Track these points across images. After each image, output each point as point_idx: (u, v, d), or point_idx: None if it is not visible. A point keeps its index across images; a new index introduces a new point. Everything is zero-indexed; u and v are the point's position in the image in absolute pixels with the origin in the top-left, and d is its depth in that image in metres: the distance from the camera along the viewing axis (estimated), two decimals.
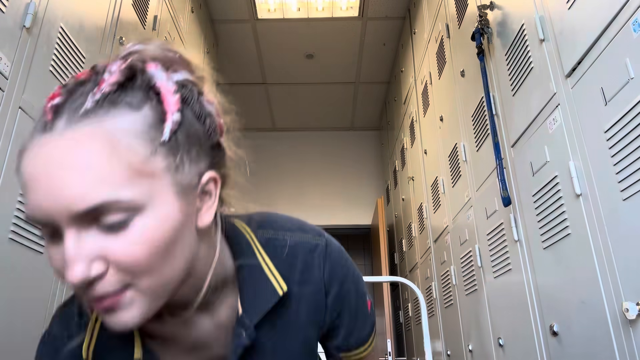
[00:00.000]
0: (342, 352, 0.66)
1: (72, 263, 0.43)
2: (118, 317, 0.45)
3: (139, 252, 0.44)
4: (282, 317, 0.59)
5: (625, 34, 1.10)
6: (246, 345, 0.56)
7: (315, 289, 0.60)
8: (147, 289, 0.45)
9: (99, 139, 0.43)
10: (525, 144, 1.62)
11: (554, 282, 1.45)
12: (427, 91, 3.11)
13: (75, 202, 0.42)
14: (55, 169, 0.42)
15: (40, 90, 1.47)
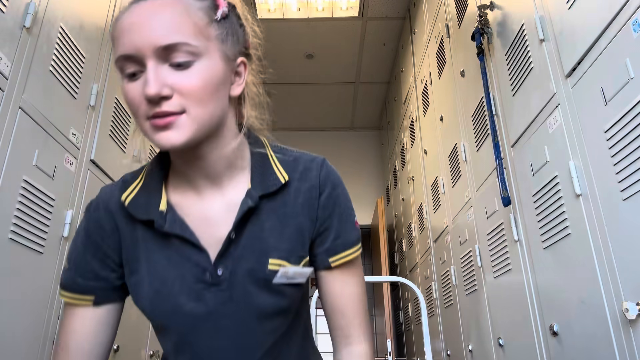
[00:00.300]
0: (330, 257, 0.73)
1: (152, 82, 0.60)
2: (170, 134, 0.61)
3: (196, 84, 0.61)
4: (281, 203, 0.71)
5: (625, 34, 1.10)
6: (250, 206, 0.68)
7: (311, 186, 0.72)
8: (195, 116, 0.62)
9: (179, 5, 0.63)
10: (525, 144, 1.62)
11: (554, 282, 1.45)
12: (427, 91, 3.11)
13: (159, 40, 0.60)
14: (149, 19, 0.61)
15: (40, 90, 1.47)
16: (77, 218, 1.66)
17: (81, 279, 0.70)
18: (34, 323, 1.43)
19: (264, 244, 0.69)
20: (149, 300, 0.67)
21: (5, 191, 1.30)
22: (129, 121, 2.12)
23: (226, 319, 0.68)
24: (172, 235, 0.68)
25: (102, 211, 0.72)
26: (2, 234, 1.29)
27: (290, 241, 0.70)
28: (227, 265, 0.67)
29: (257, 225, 0.69)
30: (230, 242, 0.68)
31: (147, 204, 0.69)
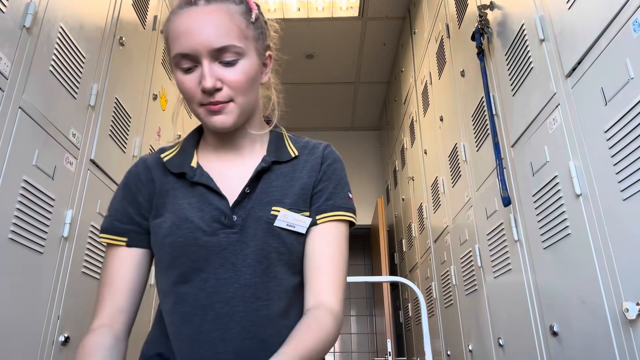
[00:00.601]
0: (318, 215, 0.83)
1: (208, 77, 0.75)
2: (222, 118, 0.77)
3: (241, 79, 0.77)
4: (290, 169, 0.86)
5: (625, 34, 1.10)
6: (263, 167, 0.83)
7: (316, 157, 0.88)
8: (240, 104, 0.78)
9: (225, 12, 0.77)
10: (525, 144, 1.62)
11: (554, 282, 1.45)
12: (427, 91, 3.11)
13: (213, 43, 0.75)
14: (203, 24, 0.75)
15: (40, 90, 1.47)
16: (77, 218, 1.66)
17: (118, 222, 0.84)
18: (34, 323, 1.43)
19: (270, 197, 0.82)
20: (170, 230, 0.79)
21: (5, 191, 1.30)
22: (129, 121, 2.12)
23: (234, 256, 0.78)
24: (199, 184, 0.82)
25: (140, 166, 0.87)
26: (2, 234, 1.29)
27: (294, 197, 0.83)
28: (240, 213, 0.80)
29: (266, 183, 0.83)
30: (245, 195, 0.81)
31: (181, 162, 0.85)
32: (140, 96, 2.29)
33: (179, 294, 0.79)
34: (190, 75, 0.77)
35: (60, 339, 1.54)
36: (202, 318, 0.77)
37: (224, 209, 0.80)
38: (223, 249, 0.78)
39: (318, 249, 0.82)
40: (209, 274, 0.78)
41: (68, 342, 1.57)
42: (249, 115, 0.84)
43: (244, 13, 0.80)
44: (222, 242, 0.78)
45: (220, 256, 0.78)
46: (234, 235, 0.78)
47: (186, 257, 0.78)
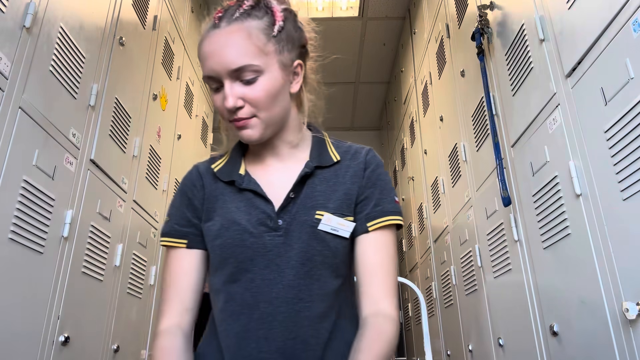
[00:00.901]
0: (368, 222, 0.85)
1: (228, 97, 0.79)
2: (248, 132, 0.82)
3: (261, 95, 0.80)
4: (333, 174, 0.88)
5: (625, 34, 1.10)
6: (307, 173, 0.86)
7: (359, 163, 0.90)
8: (263, 119, 0.82)
9: (243, 31, 0.81)
10: (525, 144, 1.62)
11: (554, 282, 1.45)
12: (427, 91, 3.11)
13: (230, 65, 0.79)
14: (221, 47, 0.80)
15: (40, 90, 1.47)
16: (77, 218, 1.66)
17: (177, 225, 0.90)
18: (34, 323, 1.43)
19: (314, 201, 0.85)
20: (219, 232, 0.84)
21: (5, 191, 1.30)
22: (129, 121, 2.12)
23: (278, 258, 0.82)
24: (247, 190, 0.87)
25: (194, 174, 0.94)
26: (2, 234, 1.28)
27: (337, 201, 0.85)
28: (285, 218, 0.84)
29: (310, 188, 0.87)
30: (289, 200, 0.85)
31: (230, 171, 0.90)
32: (140, 96, 2.29)
33: (229, 293, 0.83)
34: (218, 95, 0.83)
35: (60, 339, 1.54)
36: (248, 317, 0.80)
37: (269, 213, 0.84)
38: (268, 250, 0.82)
39: (370, 255, 0.84)
40: (255, 274, 0.82)
41: (68, 342, 1.57)
42: (279, 125, 0.87)
43: (266, 27, 0.82)
44: (267, 244, 0.82)
45: (265, 257, 0.82)
46: (278, 237, 0.82)
47: (234, 257, 0.82)
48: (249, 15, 0.82)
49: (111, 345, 1.92)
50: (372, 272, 0.83)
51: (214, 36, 0.81)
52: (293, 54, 0.86)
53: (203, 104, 3.56)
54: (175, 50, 2.85)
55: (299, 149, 0.91)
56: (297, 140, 0.91)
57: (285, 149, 0.91)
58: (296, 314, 0.79)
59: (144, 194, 2.31)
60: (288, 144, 0.90)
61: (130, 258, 2.13)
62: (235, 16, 0.82)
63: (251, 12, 0.83)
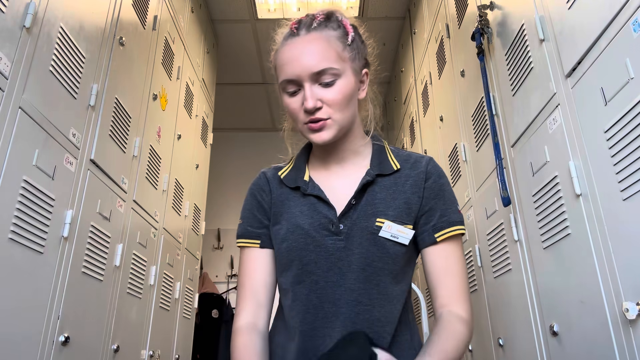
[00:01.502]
0: (436, 233, 0.89)
1: (309, 99, 0.84)
2: (322, 134, 0.86)
3: (338, 98, 0.85)
4: (393, 183, 0.91)
5: (625, 34, 1.10)
6: (368, 180, 0.90)
7: (419, 173, 0.92)
8: (338, 120, 0.87)
9: (323, 39, 0.87)
10: (525, 144, 1.62)
11: (554, 282, 1.45)
12: (427, 91, 3.11)
13: (313, 67, 0.85)
14: (303, 52, 0.86)
15: (40, 90, 1.47)
16: (77, 218, 1.66)
17: (250, 227, 0.96)
18: (34, 323, 1.43)
19: (374, 209, 0.88)
20: (285, 236, 0.89)
21: (5, 191, 1.30)
22: (129, 121, 2.12)
23: (340, 261, 0.86)
24: (311, 195, 0.91)
25: (262, 179, 0.99)
26: (2, 234, 1.28)
27: (397, 210, 0.89)
28: (347, 223, 0.88)
29: (371, 195, 0.90)
30: (350, 206, 0.89)
31: (295, 177, 0.95)
32: (140, 96, 2.29)
33: (295, 293, 0.89)
34: (294, 98, 0.87)
35: (60, 339, 1.54)
36: (314, 315, 0.86)
37: (332, 218, 0.88)
38: (330, 254, 0.86)
39: (442, 264, 0.88)
40: (319, 277, 0.86)
41: (68, 342, 1.57)
42: (348, 129, 0.92)
43: (341, 37, 0.90)
44: (330, 248, 0.87)
45: (328, 260, 0.86)
46: (340, 242, 0.87)
47: (299, 260, 0.88)
48: (325, 26, 0.90)
49: (111, 345, 1.92)
50: (443, 278, 0.87)
51: (295, 43, 0.87)
52: (361, 63, 0.94)
53: (203, 104, 3.56)
54: (175, 50, 2.85)
55: (360, 155, 0.96)
56: (359, 147, 0.96)
57: (348, 155, 0.95)
58: (356, 316, 0.84)
59: (144, 194, 2.31)
60: (351, 151, 0.95)
61: (130, 258, 2.13)
62: (313, 26, 0.89)
63: (327, 23, 0.90)
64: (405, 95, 3.88)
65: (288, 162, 1.02)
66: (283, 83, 0.87)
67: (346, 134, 0.93)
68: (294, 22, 0.90)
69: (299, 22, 0.90)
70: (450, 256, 0.89)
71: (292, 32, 0.89)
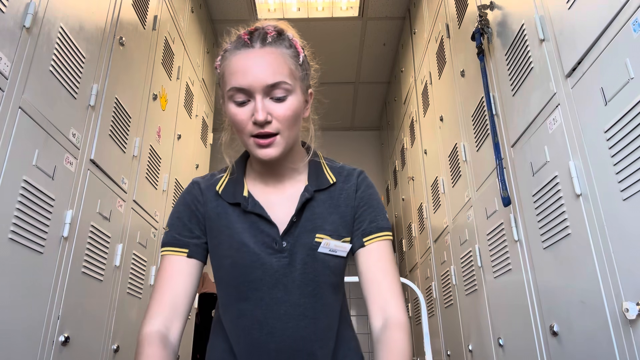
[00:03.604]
0: (364, 237, 0.92)
1: (260, 111, 0.82)
2: (269, 151, 0.85)
3: (289, 114, 0.85)
4: (328, 197, 0.94)
5: (625, 34, 1.10)
6: (307, 198, 0.91)
7: (351, 185, 0.96)
8: (285, 137, 0.86)
9: (278, 54, 0.86)
10: (525, 144, 1.62)
11: (554, 282, 1.45)
12: (427, 91, 3.11)
13: (267, 79, 0.83)
14: (258, 63, 0.84)
15: (40, 90, 1.47)
16: (77, 218, 1.66)
17: (179, 235, 0.93)
18: (33, 323, 1.43)
19: (314, 224, 0.90)
20: (229, 252, 0.88)
21: (5, 191, 1.30)
22: (129, 121, 2.12)
23: (285, 278, 0.87)
24: (252, 213, 0.90)
25: (196, 189, 0.96)
26: (2, 234, 1.28)
27: (334, 224, 0.91)
28: (289, 240, 0.89)
29: (310, 211, 0.92)
30: (292, 223, 0.90)
31: (234, 192, 0.93)
32: (140, 96, 2.29)
33: (240, 309, 0.88)
34: (243, 109, 0.85)
35: (60, 339, 1.54)
36: (259, 331, 0.87)
37: (274, 236, 0.89)
38: (275, 271, 0.88)
39: (373, 265, 0.91)
40: (264, 293, 0.87)
41: (68, 342, 1.57)
42: (292, 146, 0.92)
43: (293, 56, 0.89)
44: (274, 265, 0.88)
45: (273, 278, 0.87)
46: (284, 259, 0.88)
47: (244, 277, 0.88)
48: (279, 42, 0.88)
49: (111, 345, 1.92)
50: (376, 278, 0.90)
51: (249, 53, 0.85)
52: (308, 84, 0.94)
53: (203, 104, 3.56)
54: (175, 50, 2.85)
55: (297, 171, 0.96)
56: (298, 164, 0.96)
57: (287, 171, 0.95)
58: (303, 329, 0.86)
59: (144, 194, 2.31)
60: (290, 167, 0.95)
61: (130, 258, 2.13)
62: (267, 41, 0.87)
63: (280, 40, 0.88)
64: (405, 95, 3.88)
65: (224, 172, 0.99)
66: (232, 91, 0.84)
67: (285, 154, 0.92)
68: (246, 33, 0.88)
69: (251, 34, 0.88)
70: (381, 257, 0.91)
71: (245, 42, 0.87)
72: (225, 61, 0.87)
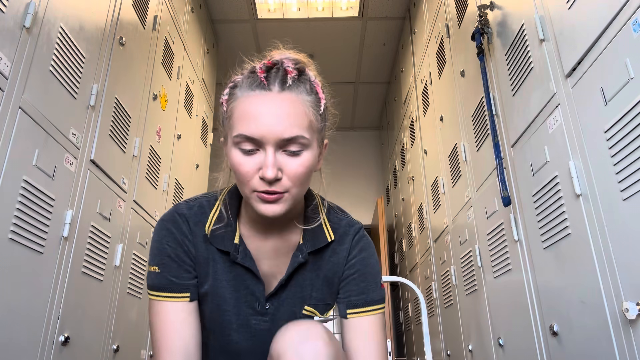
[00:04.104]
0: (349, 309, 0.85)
1: (271, 166, 0.72)
2: (274, 207, 0.74)
3: (302, 171, 0.74)
4: (320, 259, 0.86)
5: (625, 34, 1.10)
6: (300, 262, 0.83)
7: (344, 249, 0.87)
8: (293, 195, 0.76)
9: (298, 103, 0.75)
10: (525, 144, 1.62)
11: (554, 282, 1.45)
12: (427, 91, 3.11)
13: (284, 133, 0.72)
14: (275, 112, 0.72)
15: (40, 90, 1.47)
16: (77, 218, 1.66)
17: (176, 279, 0.82)
18: (34, 323, 1.43)
19: (303, 293, 0.85)
20: (209, 311, 0.84)
21: (5, 191, 1.30)
22: (129, 121, 2.12)
23: (264, 344, 0.81)
24: (241, 265, 0.83)
25: (186, 227, 0.84)
26: (2, 234, 1.28)
27: (322, 292, 0.86)
28: (274, 303, 0.84)
29: (301, 275, 0.85)
30: (280, 286, 0.84)
31: (224, 236, 0.84)
32: (140, 96, 2.29)
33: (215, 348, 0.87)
34: (249, 158, 0.73)
35: (60, 339, 1.54)
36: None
37: (259, 296, 0.84)
38: (253, 335, 0.84)
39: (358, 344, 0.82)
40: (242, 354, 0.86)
41: (68, 342, 1.57)
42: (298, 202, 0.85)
43: (314, 104, 0.77)
44: (252, 328, 0.84)
45: (251, 341, 0.85)
46: (264, 323, 0.84)
47: (220, 332, 0.85)
48: (299, 86, 0.77)
49: (111, 345, 1.92)
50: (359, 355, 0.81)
51: (265, 97, 0.74)
52: (324, 134, 0.83)
53: (203, 104, 3.56)
54: (175, 50, 2.85)
55: (294, 225, 0.87)
56: (298, 216, 0.87)
57: (286, 222, 0.85)
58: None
59: (144, 194, 2.31)
60: (290, 219, 0.85)
61: (130, 258, 2.13)
62: (287, 84, 0.75)
63: (300, 82, 0.77)
64: (405, 95, 3.88)
65: (213, 200, 0.87)
66: (240, 138, 0.73)
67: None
68: (262, 70, 0.76)
69: (268, 72, 0.76)
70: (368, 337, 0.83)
71: (262, 83, 0.75)
72: (235, 101, 0.76)
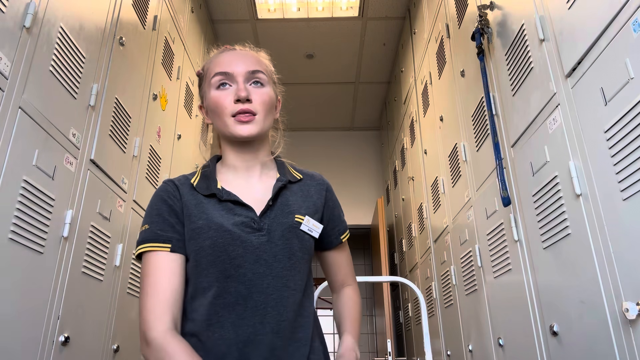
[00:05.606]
0: (341, 235, 1.08)
1: (242, 89, 0.96)
2: (249, 127, 0.95)
3: (265, 98, 0.98)
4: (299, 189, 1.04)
5: (625, 34, 1.10)
6: (281, 185, 1.00)
7: (318, 183, 1.08)
8: (261, 120, 0.97)
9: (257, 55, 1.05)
10: (525, 144, 1.62)
11: (554, 282, 1.45)
12: (427, 91, 3.11)
13: (249, 67, 0.99)
14: (242, 56, 1.01)
15: (40, 90, 1.47)
16: (77, 218, 1.66)
17: (160, 231, 0.93)
18: (34, 323, 1.43)
19: (290, 208, 0.99)
20: (208, 234, 0.91)
21: (5, 191, 1.30)
22: (129, 121, 2.12)
23: (265, 254, 0.92)
24: (227, 201, 0.96)
25: (170, 186, 0.99)
26: (2, 234, 1.28)
27: (307, 209, 1.01)
28: (266, 221, 0.95)
29: (284, 197, 1.00)
30: (268, 206, 0.96)
31: (207, 185, 0.99)
32: (140, 96, 2.29)
33: (223, 287, 0.90)
34: (224, 91, 0.97)
35: (60, 339, 1.54)
36: (243, 306, 0.90)
37: (252, 216, 0.94)
38: (255, 247, 0.92)
39: (342, 257, 1.11)
40: (247, 270, 0.91)
41: (68, 342, 1.57)
42: (264, 137, 1.03)
43: (267, 62, 1.06)
44: (254, 242, 0.92)
45: (254, 254, 0.92)
46: (263, 237, 0.93)
47: (226, 255, 0.91)
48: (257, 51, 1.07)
49: (111, 345, 1.92)
50: (341, 268, 1.10)
51: (234, 51, 1.03)
52: (276, 91, 1.06)
53: None
54: (175, 50, 2.85)
55: (267, 167, 1.05)
56: (266, 161, 1.05)
57: (257, 165, 1.03)
58: (285, 299, 0.92)
59: (144, 194, 2.31)
60: (260, 162, 1.03)
61: (130, 258, 2.13)
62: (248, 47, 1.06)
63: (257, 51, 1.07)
64: (405, 95, 3.88)
65: (196, 172, 1.03)
66: (216, 76, 0.97)
67: (261, 144, 1.02)
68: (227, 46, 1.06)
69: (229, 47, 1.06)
70: (345, 251, 1.11)
71: (227, 48, 1.05)
72: (210, 63, 1.02)
